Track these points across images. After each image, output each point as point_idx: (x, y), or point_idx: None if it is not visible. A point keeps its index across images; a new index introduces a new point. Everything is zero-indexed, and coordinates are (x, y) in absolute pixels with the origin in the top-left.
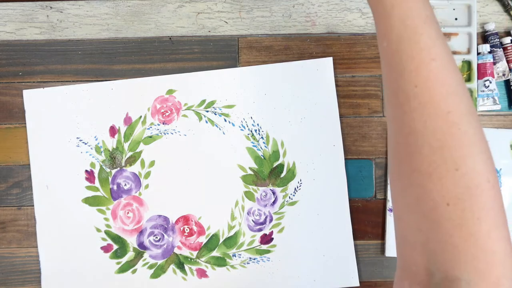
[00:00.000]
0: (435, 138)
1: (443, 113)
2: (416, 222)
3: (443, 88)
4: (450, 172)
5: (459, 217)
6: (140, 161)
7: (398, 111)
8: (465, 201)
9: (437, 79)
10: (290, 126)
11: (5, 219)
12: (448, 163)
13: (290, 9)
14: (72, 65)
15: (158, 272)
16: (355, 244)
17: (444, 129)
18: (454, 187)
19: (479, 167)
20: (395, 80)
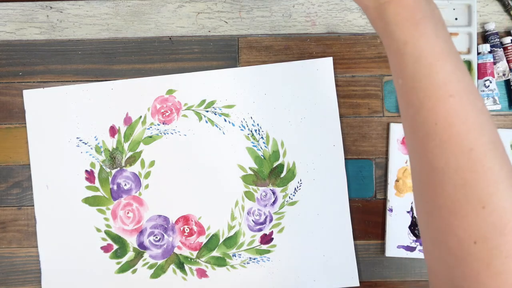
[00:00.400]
0: (458, 177)
1: (465, 150)
2: (442, 257)
3: (464, 124)
4: (476, 210)
5: (487, 256)
6: (140, 161)
7: (419, 147)
8: (493, 240)
9: (457, 116)
10: (290, 126)
11: (5, 219)
12: (473, 201)
13: (290, 9)
14: (72, 65)
15: (158, 272)
16: (355, 244)
17: (467, 167)
18: (481, 226)
19: (507, 203)
20: (413, 116)
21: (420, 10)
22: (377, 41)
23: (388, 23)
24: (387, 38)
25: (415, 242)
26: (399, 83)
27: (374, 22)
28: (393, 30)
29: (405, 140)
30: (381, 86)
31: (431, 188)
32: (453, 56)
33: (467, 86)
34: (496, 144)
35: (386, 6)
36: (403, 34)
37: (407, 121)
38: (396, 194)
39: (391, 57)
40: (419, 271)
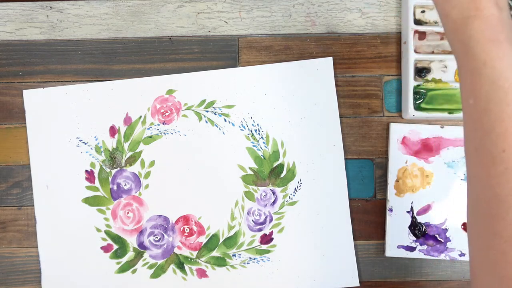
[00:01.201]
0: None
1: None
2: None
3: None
4: None
5: None
6: (140, 161)
7: (482, 171)
8: None
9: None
10: (290, 126)
11: (5, 219)
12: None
13: (290, 9)
14: (72, 65)
15: (158, 272)
16: (355, 244)
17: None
18: None
19: None
20: (479, 139)
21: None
22: (377, 41)
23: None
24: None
25: (415, 242)
26: (469, 103)
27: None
28: (473, 47)
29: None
30: (381, 86)
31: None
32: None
33: None
34: None
35: (471, 21)
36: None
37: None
38: (396, 194)
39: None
40: (419, 271)
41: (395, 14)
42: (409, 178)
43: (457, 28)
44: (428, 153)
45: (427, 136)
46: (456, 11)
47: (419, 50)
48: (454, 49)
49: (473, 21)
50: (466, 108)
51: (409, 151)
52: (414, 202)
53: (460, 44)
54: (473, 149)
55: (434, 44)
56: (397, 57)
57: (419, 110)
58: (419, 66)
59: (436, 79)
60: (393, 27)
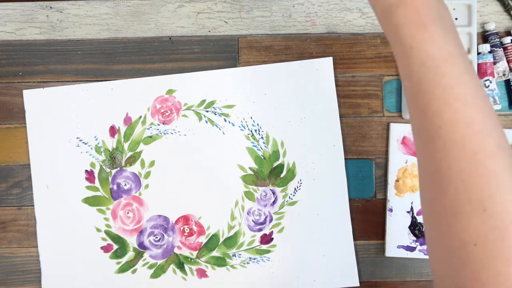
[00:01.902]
0: (461, 179)
1: (468, 154)
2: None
3: (469, 128)
4: (477, 213)
5: (487, 257)
6: (140, 161)
7: (423, 149)
8: (493, 242)
9: (462, 120)
10: (290, 126)
11: (5, 219)
12: (475, 203)
13: (290, 9)
14: (72, 65)
15: (158, 272)
16: (355, 244)
17: (470, 170)
18: (482, 228)
19: (509, 206)
20: (419, 119)
21: (429, 13)
22: (377, 41)
23: (396, 25)
24: (394, 40)
25: (415, 242)
26: (406, 85)
27: (382, 22)
28: (400, 32)
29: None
30: (381, 86)
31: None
32: (461, 60)
33: (474, 90)
34: (502, 148)
35: (395, 9)
36: (410, 37)
37: (414, 124)
38: (396, 194)
39: (398, 59)
40: (419, 271)
41: None
42: (409, 178)
43: (384, 16)
44: None
45: None
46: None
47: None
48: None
49: (397, 8)
50: (404, 89)
51: (409, 151)
52: (414, 202)
53: (389, 31)
54: (416, 129)
55: None
56: None
57: None
58: None
59: None
60: None
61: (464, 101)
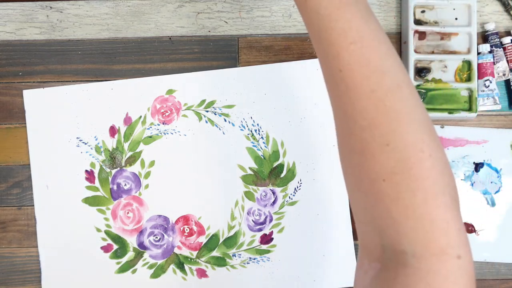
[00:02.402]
0: (363, 118)
1: (366, 92)
2: (361, 201)
3: (365, 68)
4: (381, 148)
5: (395, 191)
6: (140, 161)
7: (331, 94)
8: (398, 175)
9: (358, 61)
10: (290, 126)
11: (5, 219)
12: (378, 139)
13: (290, 9)
14: (72, 65)
15: (158, 272)
16: (355, 244)
17: (370, 108)
18: (387, 163)
19: (410, 139)
20: (323, 65)
21: None
22: None
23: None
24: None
25: None
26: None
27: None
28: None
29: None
30: None
31: (344, 133)
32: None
33: (370, 32)
34: (400, 85)
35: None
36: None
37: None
38: None
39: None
40: None
41: (395, 14)
42: None
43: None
44: None
45: None
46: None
47: (419, 50)
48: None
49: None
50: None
51: None
52: None
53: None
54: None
55: (434, 44)
56: None
57: None
58: (419, 66)
59: (436, 79)
60: (393, 27)
61: (360, 44)
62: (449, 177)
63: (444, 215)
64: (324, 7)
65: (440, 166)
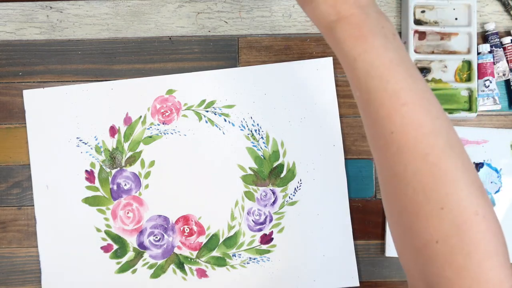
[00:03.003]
0: (416, 180)
1: (420, 155)
2: (411, 256)
3: (418, 130)
4: (435, 211)
5: (449, 253)
6: (140, 161)
7: (380, 154)
8: (453, 238)
9: (411, 123)
10: (290, 126)
11: (5, 219)
12: (432, 202)
13: (290, 9)
14: (72, 65)
15: (158, 272)
16: (355, 244)
17: (424, 171)
18: (441, 225)
19: (465, 202)
20: (372, 126)
21: (368, 25)
22: None
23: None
24: (339, 54)
25: None
26: (357, 96)
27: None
28: (343, 47)
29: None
30: None
31: (394, 193)
32: (404, 65)
33: (420, 93)
34: (453, 146)
35: (335, 25)
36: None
37: (368, 132)
38: None
39: (346, 72)
40: None
41: (395, 14)
42: None
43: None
44: None
45: None
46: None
47: (419, 50)
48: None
49: (337, 24)
50: (356, 100)
51: None
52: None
53: (334, 46)
54: (371, 137)
55: (434, 44)
56: None
57: None
58: (419, 66)
59: (436, 79)
60: None
61: (411, 105)
62: (501, 235)
63: (498, 275)
64: (376, 67)
65: (493, 226)
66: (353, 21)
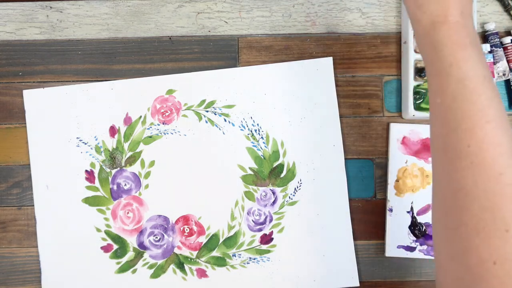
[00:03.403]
0: (486, 198)
1: (495, 174)
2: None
3: (497, 149)
4: (499, 232)
5: (505, 275)
6: (140, 161)
7: (448, 166)
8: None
9: (491, 141)
10: (290, 126)
11: (5, 219)
12: (498, 223)
13: (290, 9)
14: (72, 65)
15: (158, 272)
16: (355, 244)
17: (496, 190)
18: (503, 247)
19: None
20: (445, 135)
21: (469, 35)
22: (377, 41)
23: (438, 42)
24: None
25: (415, 242)
26: (437, 102)
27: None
28: (441, 50)
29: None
30: (381, 86)
31: (456, 206)
32: (492, 83)
33: (502, 112)
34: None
35: (439, 26)
36: (451, 55)
37: (438, 139)
38: (396, 194)
39: (433, 75)
40: (419, 271)
41: (395, 14)
42: (409, 178)
43: (427, 33)
44: (428, 153)
45: (427, 136)
46: (426, 17)
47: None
48: (423, 51)
49: (441, 26)
50: (433, 107)
51: (409, 151)
52: (414, 202)
53: (429, 47)
54: (440, 145)
55: None
56: (397, 57)
57: (419, 110)
58: (419, 66)
59: None
60: (393, 27)
61: (495, 123)
62: None
63: None
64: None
65: None
66: (458, 28)
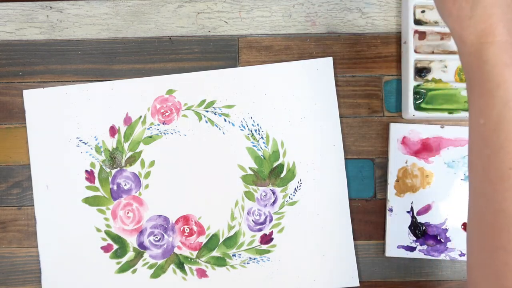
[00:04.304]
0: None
1: None
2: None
3: None
4: None
5: None
6: (140, 161)
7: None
8: None
9: None
10: (290, 126)
11: (5, 219)
12: None
13: (290, 9)
14: (72, 65)
15: (158, 272)
16: (355, 244)
17: None
18: None
19: None
20: (488, 157)
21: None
22: (377, 41)
23: (485, 63)
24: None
25: (415, 242)
26: (480, 123)
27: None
28: (488, 70)
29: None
30: (381, 86)
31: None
32: None
33: None
34: None
35: (488, 46)
36: (499, 76)
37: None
38: (396, 194)
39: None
40: (419, 271)
41: (395, 14)
42: (409, 178)
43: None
44: (428, 153)
45: (427, 136)
46: (473, 37)
47: (419, 50)
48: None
49: (489, 46)
50: (475, 127)
51: (409, 151)
52: (414, 202)
53: (475, 67)
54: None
55: (434, 44)
56: (397, 57)
57: (419, 110)
58: (419, 66)
59: (436, 79)
60: (393, 27)
61: None
62: None
63: None
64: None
65: None
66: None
